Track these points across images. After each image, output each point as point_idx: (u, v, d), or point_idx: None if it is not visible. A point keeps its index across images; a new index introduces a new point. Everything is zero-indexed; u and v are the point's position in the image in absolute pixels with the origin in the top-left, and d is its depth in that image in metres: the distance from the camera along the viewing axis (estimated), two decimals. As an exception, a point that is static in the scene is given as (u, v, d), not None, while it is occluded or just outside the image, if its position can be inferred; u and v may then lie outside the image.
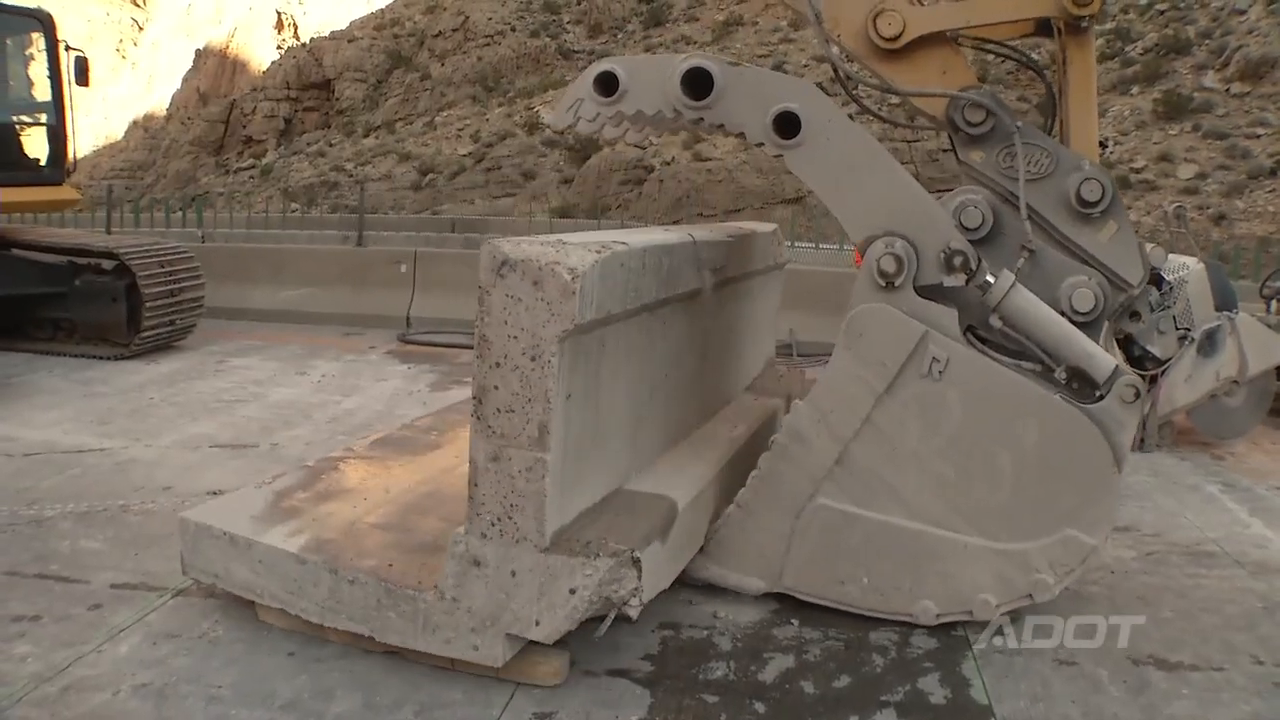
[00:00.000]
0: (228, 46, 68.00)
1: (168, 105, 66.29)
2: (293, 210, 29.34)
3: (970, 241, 3.69)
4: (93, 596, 3.67)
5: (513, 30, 49.45)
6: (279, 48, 65.63)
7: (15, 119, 9.42)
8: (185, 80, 67.18)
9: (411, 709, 2.99)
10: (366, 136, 46.71)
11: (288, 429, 6.33)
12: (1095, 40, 4.27)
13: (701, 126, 3.88)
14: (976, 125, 3.96)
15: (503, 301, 2.90)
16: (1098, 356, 3.56)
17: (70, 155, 9.48)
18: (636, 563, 3.01)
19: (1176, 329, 6.29)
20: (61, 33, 9.39)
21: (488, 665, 3.06)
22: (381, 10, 59.72)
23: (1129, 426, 3.56)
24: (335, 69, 52.30)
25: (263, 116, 50.57)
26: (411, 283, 10.94)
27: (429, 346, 9.69)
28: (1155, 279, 5.60)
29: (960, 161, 4.07)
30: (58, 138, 9.26)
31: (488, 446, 2.97)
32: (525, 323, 2.88)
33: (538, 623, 2.99)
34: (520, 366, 2.90)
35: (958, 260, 3.57)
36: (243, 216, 22.33)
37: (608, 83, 3.84)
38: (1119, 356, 4.66)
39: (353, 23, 59.10)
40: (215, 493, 4.69)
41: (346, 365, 8.63)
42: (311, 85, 52.25)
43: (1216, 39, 34.62)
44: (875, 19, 4.03)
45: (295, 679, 3.13)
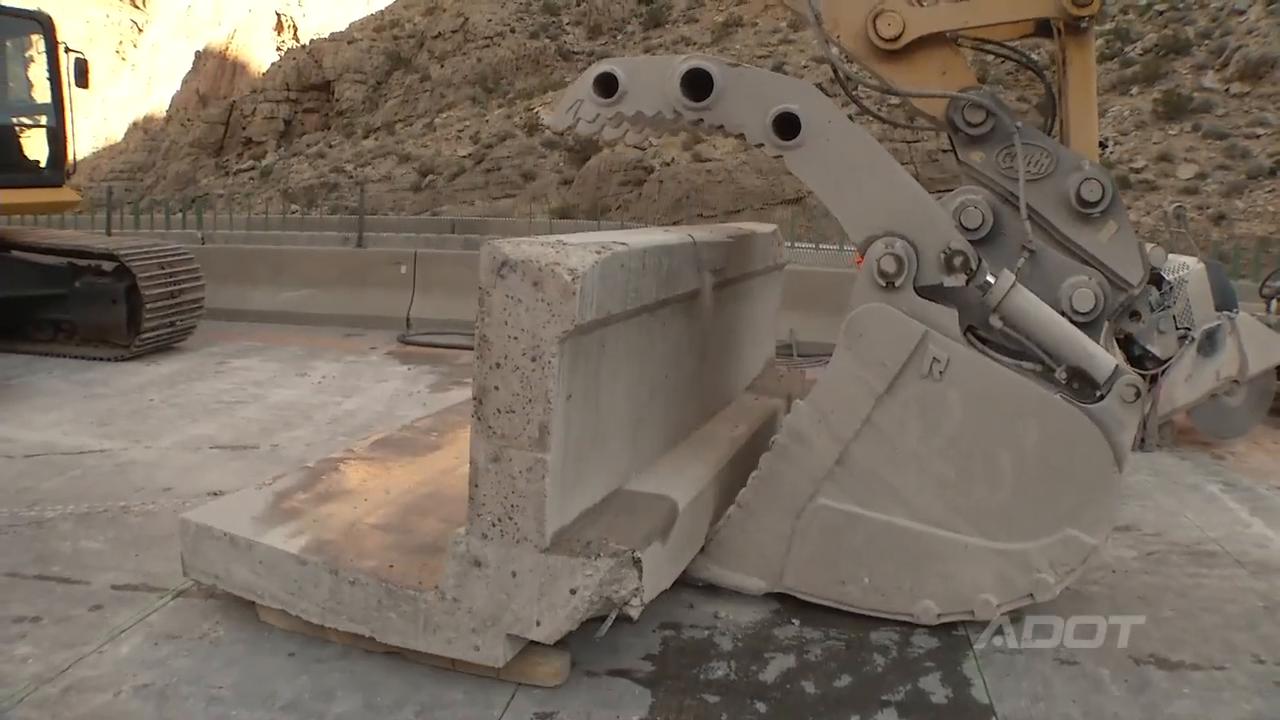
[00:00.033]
0: (227, 48, 68.05)
1: (167, 107, 66.35)
2: (293, 211, 29.37)
3: (970, 242, 3.70)
4: (93, 597, 3.67)
5: (512, 31, 49.48)
6: (279, 49, 65.66)
7: (15, 121, 9.42)
8: (185, 82, 67.25)
9: (412, 709, 2.99)
10: (366, 138, 46.73)
11: (288, 430, 6.33)
12: (1095, 41, 4.27)
13: (701, 127, 3.88)
14: (976, 126, 3.97)
15: (503, 302, 2.90)
16: (1098, 356, 3.57)
17: (70, 157, 9.48)
18: (637, 563, 3.01)
19: (1177, 329, 6.30)
20: (61, 34, 9.39)
21: (489, 666, 3.06)
22: (381, 12, 59.79)
23: (1129, 426, 3.56)
24: (335, 70, 52.35)
25: (262, 118, 50.60)
26: (411, 284, 10.94)
27: (429, 347, 9.69)
28: (1155, 279, 5.61)
29: (960, 162, 4.08)
30: (57, 139, 9.27)
31: (488, 447, 2.97)
32: (525, 323, 2.89)
33: (538, 623, 2.99)
34: (520, 367, 2.91)
35: (958, 260, 3.57)
36: (243, 218, 22.34)
37: (607, 84, 3.84)
38: (1119, 356, 4.67)
39: (352, 24, 59.15)
40: (216, 494, 4.69)
41: (347, 366, 8.63)
42: (311, 87, 52.28)
43: (1216, 39, 34.66)
44: (875, 20, 4.04)
45: (296, 680, 3.13)
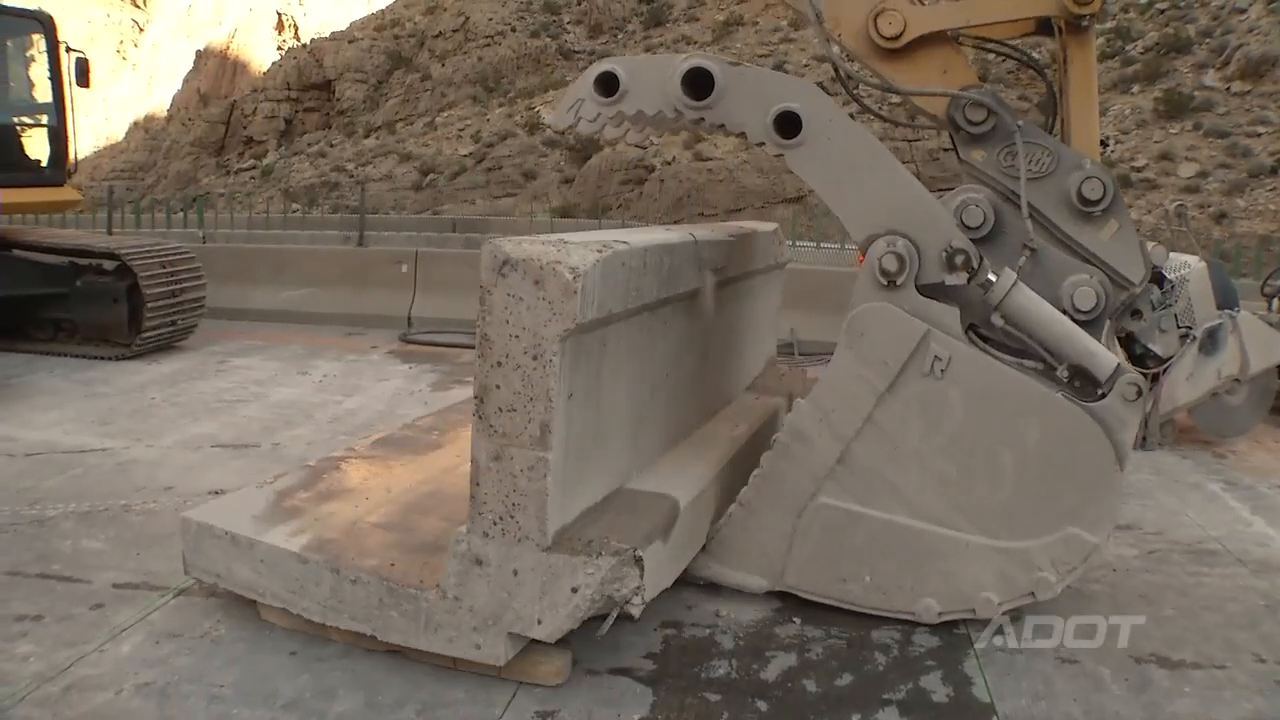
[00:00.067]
0: (228, 47, 68.04)
1: (168, 106, 66.32)
2: (294, 211, 29.40)
3: (972, 240, 3.69)
4: (95, 596, 3.68)
5: (513, 30, 49.46)
6: (279, 48, 65.65)
7: (16, 120, 9.43)
8: (186, 81, 67.23)
9: (413, 708, 2.99)
10: (367, 137, 46.73)
11: (289, 429, 6.33)
12: (1096, 39, 4.26)
13: (702, 126, 3.88)
14: (978, 124, 3.96)
15: (504, 301, 2.90)
16: (1100, 355, 3.57)
17: (71, 156, 9.49)
18: (639, 561, 3.01)
19: (1178, 327, 6.30)
20: (62, 34, 9.39)
21: (490, 664, 3.06)
22: (382, 11, 59.74)
23: (1131, 425, 3.56)
24: (336, 70, 52.32)
25: (263, 117, 50.59)
26: (413, 283, 10.95)
27: (430, 346, 9.69)
28: (1157, 277, 5.61)
29: (961, 160, 4.07)
30: (58, 139, 9.27)
31: (490, 446, 2.97)
32: (527, 322, 2.88)
33: (540, 621, 2.99)
34: (522, 365, 2.90)
35: (959, 259, 3.57)
36: (244, 217, 22.39)
37: (608, 83, 3.84)
38: (1121, 355, 4.66)
39: (353, 23, 59.13)
40: (217, 492, 4.69)
41: (348, 365, 8.63)
42: (312, 86, 52.27)
43: (1217, 38, 34.64)
44: (876, 18, 4.03)
45: (297, 678, 3.13)
